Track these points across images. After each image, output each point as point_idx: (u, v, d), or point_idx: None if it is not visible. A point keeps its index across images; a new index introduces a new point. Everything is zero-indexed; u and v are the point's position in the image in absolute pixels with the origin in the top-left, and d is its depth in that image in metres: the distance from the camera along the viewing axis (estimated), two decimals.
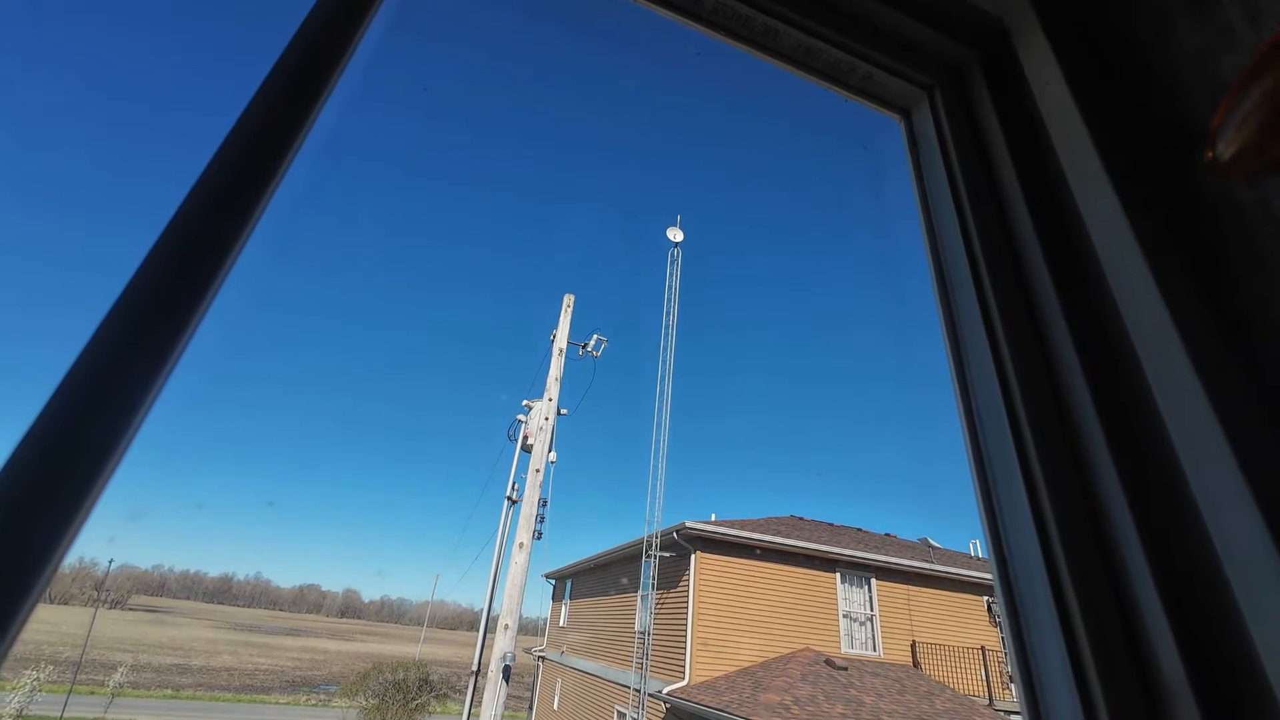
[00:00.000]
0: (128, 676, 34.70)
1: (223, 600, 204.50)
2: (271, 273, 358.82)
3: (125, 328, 0.39)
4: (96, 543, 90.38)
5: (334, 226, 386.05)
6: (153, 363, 0.39)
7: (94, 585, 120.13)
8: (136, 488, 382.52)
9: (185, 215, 0.45)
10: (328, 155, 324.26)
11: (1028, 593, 0.63)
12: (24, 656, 39.53)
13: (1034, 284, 0.77)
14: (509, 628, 9.13)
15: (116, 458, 0.37)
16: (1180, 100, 0.71)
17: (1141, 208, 0.66)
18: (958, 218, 0.85)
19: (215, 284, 0.44)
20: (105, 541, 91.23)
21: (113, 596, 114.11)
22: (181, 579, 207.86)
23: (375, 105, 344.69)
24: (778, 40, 0.94)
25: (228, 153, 0.48)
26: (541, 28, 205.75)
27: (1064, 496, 0.64)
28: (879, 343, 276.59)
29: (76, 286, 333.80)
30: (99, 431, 0.37)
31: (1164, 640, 0.54)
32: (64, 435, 0.36)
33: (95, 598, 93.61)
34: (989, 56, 0.94)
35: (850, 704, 11.21)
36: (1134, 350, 0.64)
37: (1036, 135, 0.83)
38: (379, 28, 0.74)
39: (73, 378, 0.37)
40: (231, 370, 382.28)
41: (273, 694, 41.79)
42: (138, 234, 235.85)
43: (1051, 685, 0.58)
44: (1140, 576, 0.57)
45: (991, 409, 0.74)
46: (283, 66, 0.56)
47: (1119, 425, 0.64)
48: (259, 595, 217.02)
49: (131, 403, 0.38)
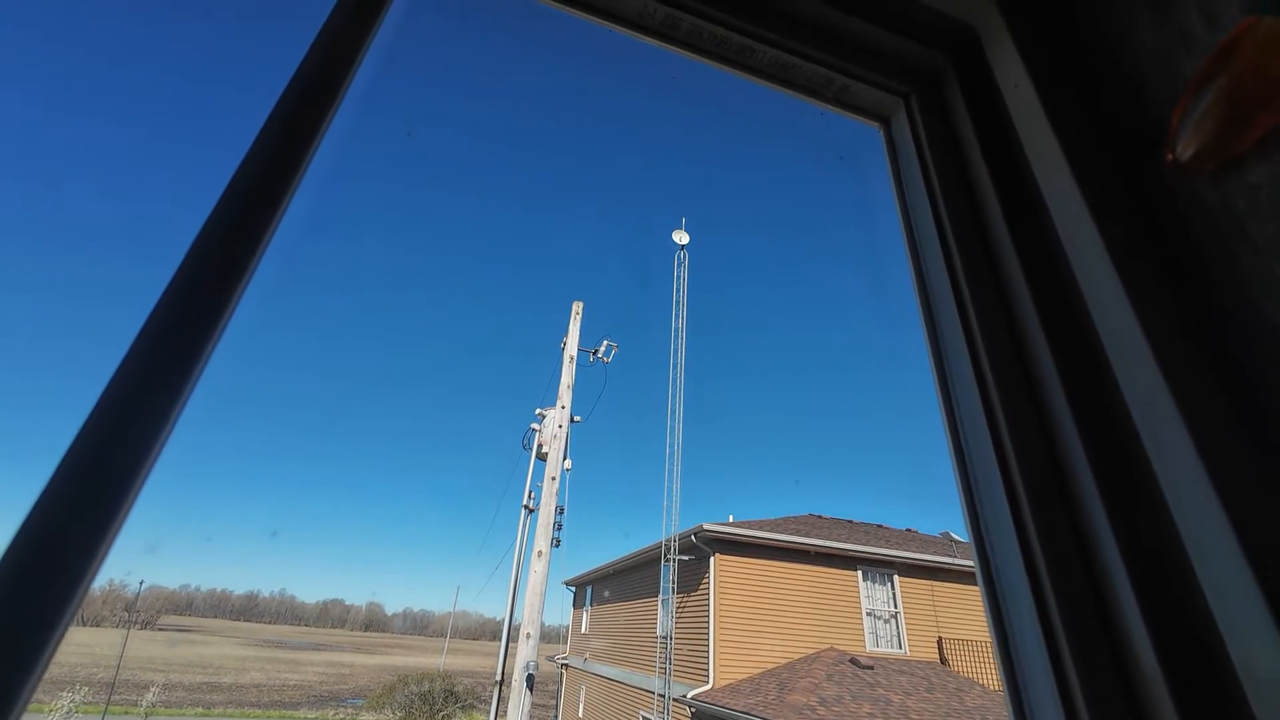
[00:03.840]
0: (160, 696, 35.30)
1: (249, 617, 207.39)
2: (285, 290, 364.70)
3: (151, 347, 0.44)
4: (130, 563, 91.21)
5: (342, 244, 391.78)
6: (179, 379, 0.43)
7: (125, 607, 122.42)
8: (155, 508, 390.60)
9: (204, 238, 0.49)
10: (333, 173, 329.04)
11: (1009, 587, 0.65)
12: (60, 679, 40.38)
13: (1010, 284, 0.79)
14: (531, 636, 9.17)
15: (142, 478, 0.41)
16: (1144, 100, 0.73)
17: (1107, 208, 0.68)
18: (934, 221, 0.87)
19: (235, 298, 0.48)
20: (143, 552, 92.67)
21: (143, 617, 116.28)
22: (208, 597, 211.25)
23: (377, 115, 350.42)
24: (754, 58, 0.97)
25: (242, 178, 0.53)
26: (533, 50, 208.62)
27: (1041, 496, 0.66)
28: (892, 337, 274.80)
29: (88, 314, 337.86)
30: (127, 451, 0.41)
31: (1138, 629, 0.56)
32: (93, 455, 0.41)
33: (126, 619, 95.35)
34: (962, 62, 0.96)
35: (878, 703, 11.09)
36: (1104, 350, 0.66)
37: (1008, 138, 0.85)
38: (383, 42, 0.78)
39: (108, 395, 0.42)
40: (244, 388, 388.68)
41: (301, 709, 42.25)
42: (156, 258, 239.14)
43: (1033, 677, 0.60)
44: (1115, 568, 0.59)
45: (971, 409, 0.76)
46: (294, 89, 0.61)
47: (1092, 422, 0.66)
48: (284, 611, 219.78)
49: (162, 414, 0.42)
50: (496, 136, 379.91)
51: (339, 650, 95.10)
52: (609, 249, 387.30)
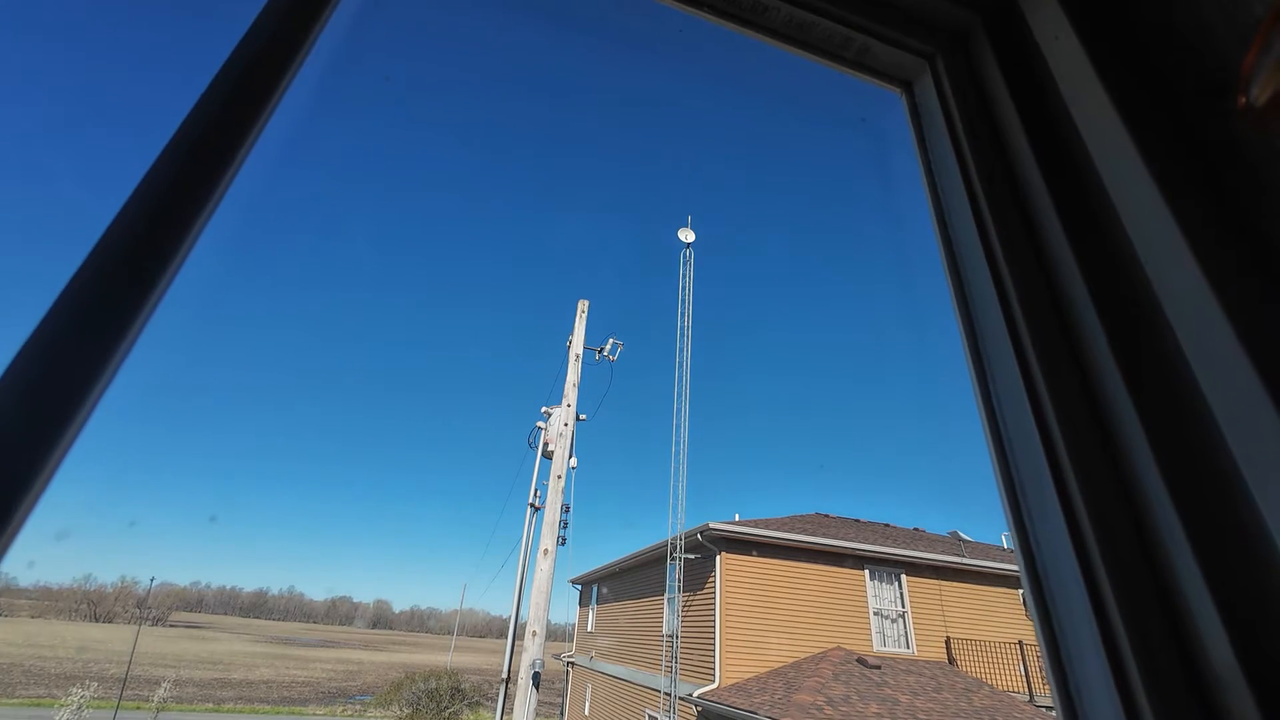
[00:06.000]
0: (171, 691, 35.55)
1: (258, 614, 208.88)
2: (286, 290, 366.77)
3: (69, 324, 0.38)
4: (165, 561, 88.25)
5: (343, 244, 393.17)
6: (95, 365, 0.37)
7: (136, 603, 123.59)
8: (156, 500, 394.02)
9: (129, 215, 0.43)
10: (326, 166, 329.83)
11: (1058, 584, 0.59)
12: (72, 674, 40.79)
13: (1052, 251, 0.72)
14: (537, 634, 9.14)
15: (58, 455, 0.35)
16: (1205, 42, 0.66)
17: (1165, 158, 0.61)
18: (965, 187, 0.80)
19: (161, 284, 0.42)
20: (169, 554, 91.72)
21: (154, 614, 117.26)
22: (218, 595, 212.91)
23: (376, 120, 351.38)
24: (767, 16, 0.91)
25: (176, 149, 0.47)
26: (529, 28, 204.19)
27: (1093, 481, 0.60)
28: (896, 335, 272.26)
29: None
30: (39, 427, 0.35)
31: (1212, 625, 0.49)
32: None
33: (138, 615, 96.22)
34: (992, 18, 0.89)
35: (885, 703, 10.99)
36: (1166, 317, 0.59)
37: (1046, 93, 0.78)
38: (339, 29, 0.72)
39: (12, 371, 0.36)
40: (251, 386, 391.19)
41: (310, 705, 42.48)
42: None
43: (1087, 682, 0.54)
44: (1182, 557, 0.52)
45: (1012, 394, 0.69)
46: (236, 64, 0.54)
47: (1151, 401, 0.59)
48: (293, 609, 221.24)
49: (75, 402, 0.36)
50: (496, 134, 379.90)
51: (347, 647, 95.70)
52: (615, 248, 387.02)
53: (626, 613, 19.71)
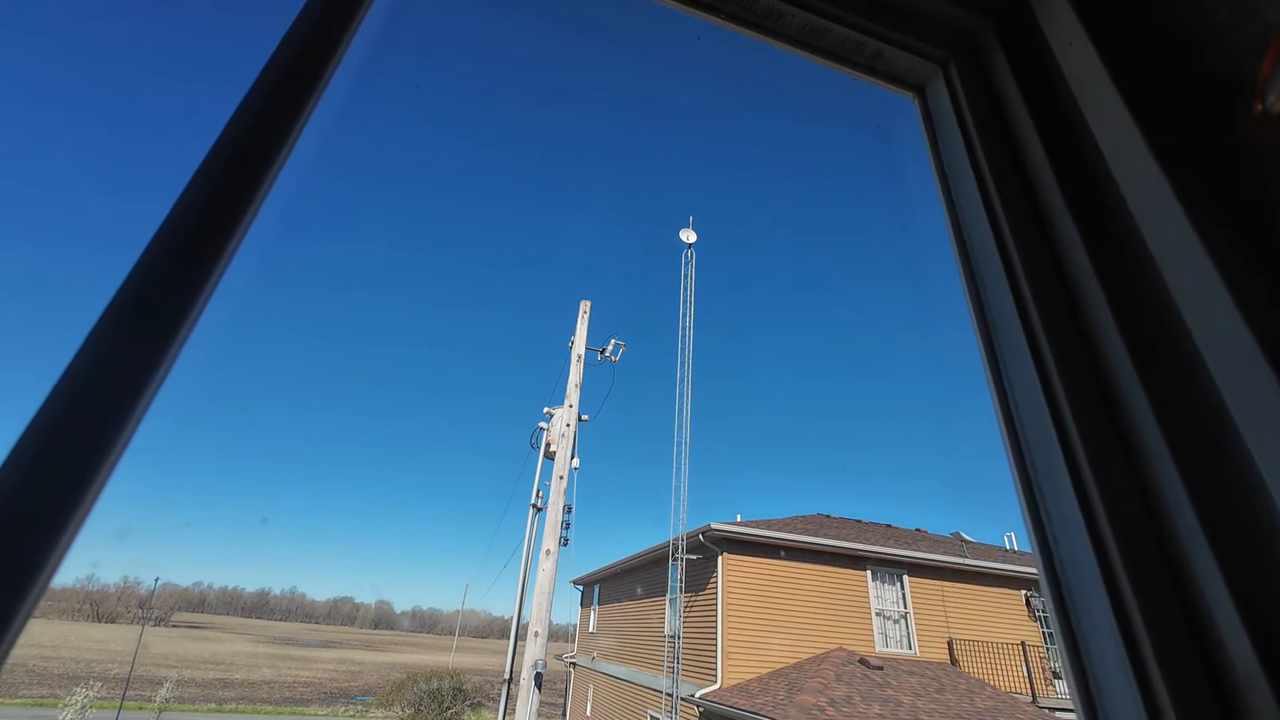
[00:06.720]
0: (173, 692, 35.59)
1: (260, 615, 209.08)
2: (286, 290, 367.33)
3: (122, 326, 0.39)
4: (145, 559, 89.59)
5: (352, 247, 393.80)
6: (148, 367, 0.38)
7: (139, 603, 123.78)
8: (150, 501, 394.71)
9: (167, 230, 0.44)
10: (330, 169, 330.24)
11: (1076, 583, 0.59)
12: (75, 674, 40.87)
13: (1067, 254, 0.73)
14: (539, 635, 9.15)
15: (113, 459, 0.36)
16: (1219, 49, 0.66)
17: (1180, 163, 0.62)
18: (980, 192, 0.81)
19: (208, 288, 0.43)
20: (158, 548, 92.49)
21: (157, 614, 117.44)
22: (220, 595, 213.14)
23: (377, 121, 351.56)
24: (781, 22, 0.92)
25: (213, 161, 0.48)
26: (536, 31, 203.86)
27: (1111, 480, 0.60)
28: (902, 336, 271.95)
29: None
30: (96, 431, 0.36)
31: (1232, 625, 0.50)
32: (62, 433, 0.36)
33: (140, 615, 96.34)
34: (1005, 22, 0.90)
35: (888, 704, 10.98)
36: (1183, 320, 0.60)
37: (1060, 99, 0.79)
38: (367, 38, 0.73)
39: (71, 374, 0.37)
40: (250, 386, 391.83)
41: (312, 705, 42.52)
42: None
43: (1108, 681, 0.54)
44: (1200, 556, 0.53)
45: (1029, 396, 0.70)
46: (269, 75, 0.55)
47: (1168, 403, 0.59)
48: (295, 609, 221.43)
49: (130, 401, 0.37)
50: (497, 133, 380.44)
51: (349, 648, 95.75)
52: (620, 249, 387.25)
53: (628, 613, 19.71)
